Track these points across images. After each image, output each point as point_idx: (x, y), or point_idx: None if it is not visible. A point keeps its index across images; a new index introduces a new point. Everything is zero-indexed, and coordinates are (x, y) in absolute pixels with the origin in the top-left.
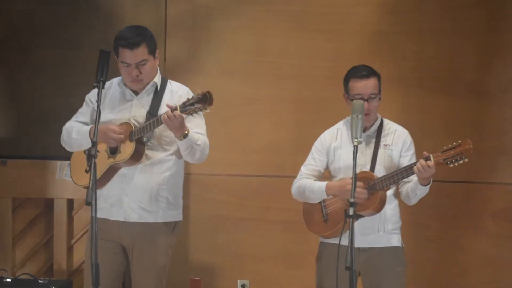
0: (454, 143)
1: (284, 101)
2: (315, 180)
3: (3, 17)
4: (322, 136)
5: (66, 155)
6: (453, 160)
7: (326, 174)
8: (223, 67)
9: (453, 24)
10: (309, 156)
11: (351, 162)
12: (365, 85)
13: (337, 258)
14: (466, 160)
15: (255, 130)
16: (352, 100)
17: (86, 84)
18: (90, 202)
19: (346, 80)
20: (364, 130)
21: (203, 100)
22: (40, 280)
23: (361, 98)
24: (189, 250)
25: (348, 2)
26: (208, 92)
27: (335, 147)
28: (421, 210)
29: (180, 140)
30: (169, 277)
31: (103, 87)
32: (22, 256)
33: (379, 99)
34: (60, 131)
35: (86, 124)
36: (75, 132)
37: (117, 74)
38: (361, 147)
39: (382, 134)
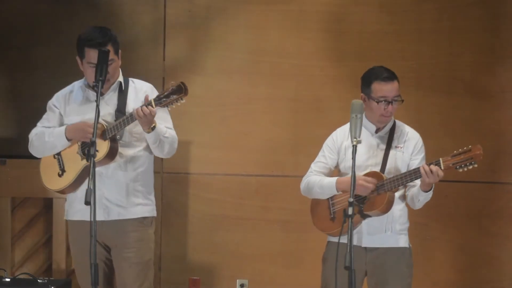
0: (465, 148)
1: (282, 100)
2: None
3: (2, 16)
4: (333, 134)
5: None
6: (463, 165)
7: (335, 173)
8: (222, 67)
9: (451, 23)
10: (320, 154)
11: (361, 161)
12: (392, 88)
13: (336, 257)
14: (476, 165)
15: (253, 129)
16: (377, 102)
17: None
18: (89, 201)
19: (368, 82)
20: (377, 131)
21: (178, 91)
22: (39, 279)
23: (385, 101)
24: (187, 250)
25: (346, 1)
26: (182, 82)
27: (347, 146)
28: (420, 210)
29: (148, 132)
30: (168, 277)
31: (102, 87)
32: (21, 255)
33: (402, 101)
34: None
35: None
36: (47, 135)
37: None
38: (372, 147)
39: (394, 136)
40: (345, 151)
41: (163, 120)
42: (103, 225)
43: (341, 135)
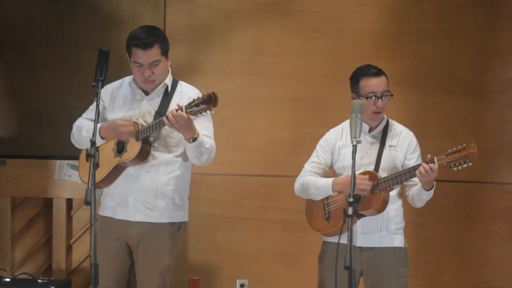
0: (459, 146)
1: (282, 100)
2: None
3: (2, 16)
4: (327, 134)
5: (65, 155)
6: (457, 164)
7: (329, 173)
8: (221, 66)
9: (451, 23)
10: (314, 154)
11: (356, 160)
12: (379, 83)
13: (336, 257)
14: (470, 164)
15: (253, 129)
16: (367, 98)
17: (85, 83)
18: (89, 201)
19: (356, 80)
20: (370, 130)
21: (208, 101)
22: (39, 279)
23: (374, 96)
24: (187, 250)
25: (347, 1)
26: (213, 93)
27: (340, 146)
28: (419, 210)
29: (189, 143)
30: None
31: (101, 87)
32: (21, 255)
33: (392, 96)
34: (59, 131)
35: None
36: (85, 130)
37: (117, 74)
38: (366, 147)
39: (388, 135)
40: (339, 151)
41: (204, 128)
42: (128, 225)
43: (334, 135)
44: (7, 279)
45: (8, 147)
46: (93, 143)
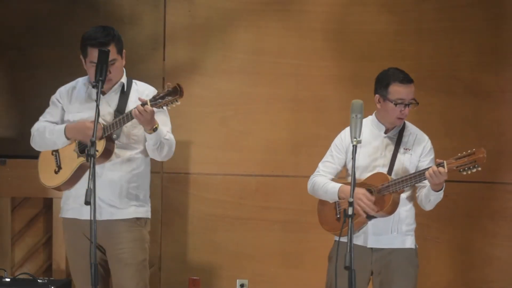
0: (469, 151)
1: (282, 100)
2: (331, 178)
3: (2, 16)
4: (342, 134)
5: None
6: (466, 168)
7: (343, 173)
8: (221, 67)
9: (451, 23)
10: (328, 153)
11: (368, 162)
12: (410, 91)
13: (336, 257)
14: (480, 169)
15: (253, 129)
16: (395, 104)
17: None
18: (89, 201)
19: (385, 83)
20: (386, 132)
21: (174, 93)
22: (39, 279)
23: (401, 103)
24: (187, 250)
25: (347, 1)
26: (178, 84)
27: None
28: (420, 210)
29: (150, 133)
30: (168, 277)
31: (102, 87)
32: (21, 255)
33: (417, 104)
34: None
35: (56, 124)
36: (48, 132)
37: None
38: (381, 148)
39: (403, 137)
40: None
41: (163, 123)
42: (96, 224)
43: (349, 135)
44: (7, 279)
45: (8, 147)
46: (93, 142)
